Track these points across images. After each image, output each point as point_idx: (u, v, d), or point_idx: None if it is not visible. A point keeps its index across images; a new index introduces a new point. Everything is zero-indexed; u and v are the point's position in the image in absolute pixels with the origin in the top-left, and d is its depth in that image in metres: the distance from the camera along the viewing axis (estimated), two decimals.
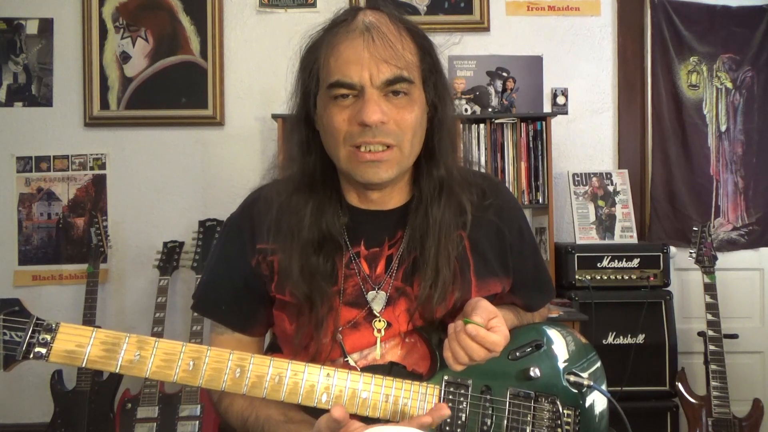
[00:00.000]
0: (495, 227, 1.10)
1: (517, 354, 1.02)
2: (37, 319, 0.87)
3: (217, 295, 1.10)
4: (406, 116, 0.97)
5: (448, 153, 1.06)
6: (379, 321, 1.02)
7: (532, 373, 0.99)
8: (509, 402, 0.99)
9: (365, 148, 0.97)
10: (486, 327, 0.94)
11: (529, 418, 0.98)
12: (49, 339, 0.86)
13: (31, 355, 0.85)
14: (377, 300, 1.03)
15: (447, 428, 0.95)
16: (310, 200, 1.03)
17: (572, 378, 1.03)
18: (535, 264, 1.19)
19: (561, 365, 1.05)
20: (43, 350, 0.86)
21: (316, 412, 0.93)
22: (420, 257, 1.02)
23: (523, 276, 1.15)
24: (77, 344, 0.87)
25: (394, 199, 1.08)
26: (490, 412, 0.97)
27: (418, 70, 1.00)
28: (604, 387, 1.10)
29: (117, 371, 0.87)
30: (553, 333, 1.09)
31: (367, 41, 0.95)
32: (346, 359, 1.01)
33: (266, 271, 1.06)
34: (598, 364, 1.12)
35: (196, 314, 2.34)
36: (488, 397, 0.98)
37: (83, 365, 0.86)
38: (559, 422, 0.99)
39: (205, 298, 1.13)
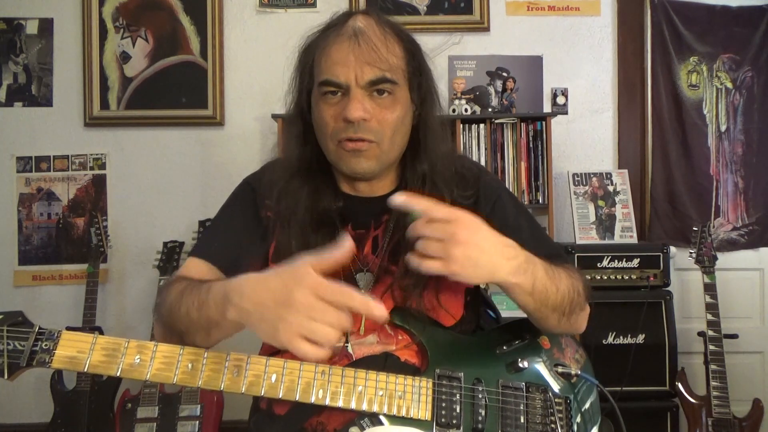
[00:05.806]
0: (472, 205, 1.14)
1: (505, 348, 1.09)
2: (40, 327, 0.90)
3: (214, 239, 1.14)
4: (387, 115, 1.05)
5: (433, 150, 1.13)
6: None
7: (520, 365, 1.04)
8: (501, 393, 1.02)
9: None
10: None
11: (522, 408, 1.02)
12: (51, 346, 0.89)
13: (35, 363, 0.88)
14: (364, 280, 1.10)
15: (443, 420, 0.97)
16: (306, 184, 1.11)
17: (560, 369, 1.08)
18: (530, 230, 1.20)
19: (548, 355, 1.10)
20: (46, 357, 0.88)
21: (313, 409, 0.98)
22: (402, 246, 1.07)
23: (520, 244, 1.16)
24: (78, 350, 0.89)
25: (382, 187, 1.15)
26: (484, 403, 1.00)
27: (402, 72, 1.07)
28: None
29: (118, 375, 0.89)
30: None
31: (353, 45, 1.03)
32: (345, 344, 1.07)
33: (266, 223, 1.13)
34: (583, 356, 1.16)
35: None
36: (480, 388, 1.01)
37: (85, 370, 0.88)
38: (551, 410, 1.03)
39: (204, 243, 1.16)
